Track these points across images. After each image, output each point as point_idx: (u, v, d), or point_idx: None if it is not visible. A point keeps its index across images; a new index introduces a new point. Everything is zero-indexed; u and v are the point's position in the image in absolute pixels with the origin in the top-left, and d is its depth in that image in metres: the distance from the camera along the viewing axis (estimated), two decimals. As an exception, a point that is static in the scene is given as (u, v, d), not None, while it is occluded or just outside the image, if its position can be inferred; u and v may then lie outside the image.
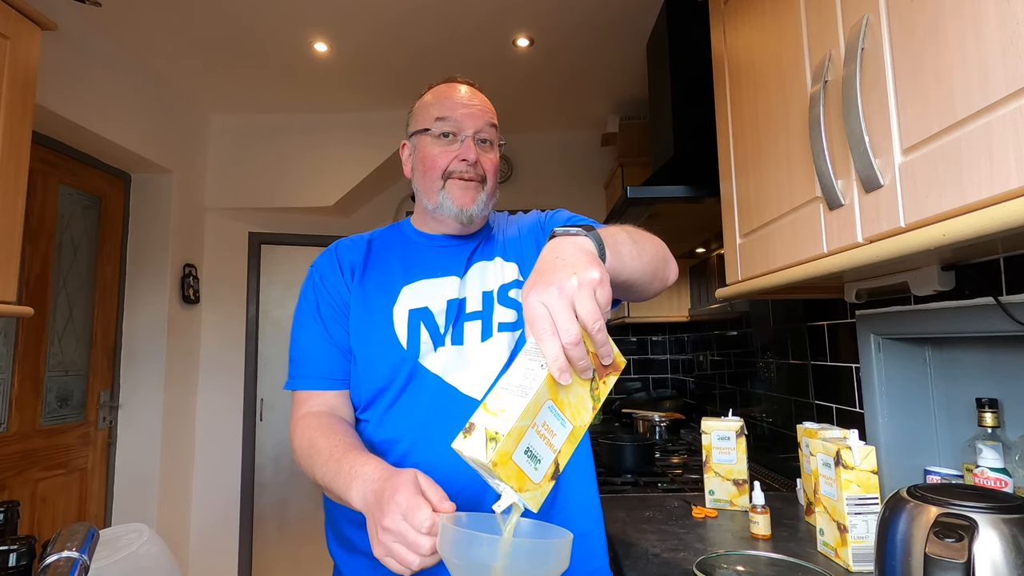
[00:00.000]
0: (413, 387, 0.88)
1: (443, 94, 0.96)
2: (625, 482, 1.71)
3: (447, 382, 0.88)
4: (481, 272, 0.96)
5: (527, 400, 0.54)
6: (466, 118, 0.93)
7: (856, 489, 0.95)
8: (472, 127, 0.93)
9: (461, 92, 0.96)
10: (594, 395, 0.60)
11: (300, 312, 0.97)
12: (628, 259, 0.73)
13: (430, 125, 0.94)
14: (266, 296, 3.29)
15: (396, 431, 0.88)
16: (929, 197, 0.63)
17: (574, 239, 0.64)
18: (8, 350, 2.13)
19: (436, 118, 0.94)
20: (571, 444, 0.58)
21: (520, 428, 0.54)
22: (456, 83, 0.98)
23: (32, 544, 0.64)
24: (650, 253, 0.80)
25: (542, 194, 3.35)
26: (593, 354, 0.58)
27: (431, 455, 0.86)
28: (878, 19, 0.71)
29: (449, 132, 0.93)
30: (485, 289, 0.94)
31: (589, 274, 0.56)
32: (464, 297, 0.93)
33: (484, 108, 0.96)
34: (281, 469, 3.21)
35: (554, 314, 0.54)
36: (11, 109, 1.50)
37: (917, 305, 1.13)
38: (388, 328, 0.91)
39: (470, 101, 0.95)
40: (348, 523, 0.91)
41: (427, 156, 0.94)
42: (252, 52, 2.48)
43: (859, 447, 0.97)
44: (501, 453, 0.52)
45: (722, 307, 2.13)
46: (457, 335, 0.90)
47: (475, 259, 0.97)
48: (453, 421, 0.83)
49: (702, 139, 1.55)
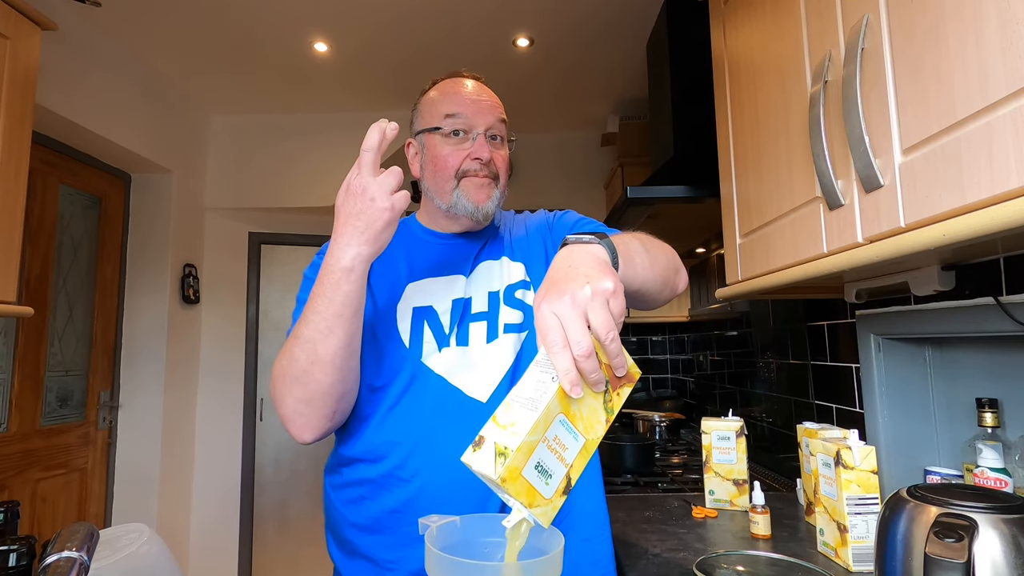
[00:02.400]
0: (416, 388, 0.86)
1: (451, 90, 0.92)
2: (625, 482, 1.71)
3: (451, 383, 0.86)
4: (487, 272, 0.94)
5: (537, 414, 0.52)
6: (477, 114, 0.90)
7: (856, 489, 0.95)
8: (483, 123, 0.90)
9: (469, 87, 0.92)
10: (607, 407, 0.58)
11: (301, 299, 0.92)
12: (640, 268, 0.71)
13: (440, 123, 0.90)
14: (266, 296, 3.29)
15: (398, 433, 0.85)
16: (929, 197, 0.63)
17: (587, 247, 0.63)
18: (8, 350, 2.13)
19: (446, 115, 0.90)
20: (583, 458, 0.56)
21: (530, 442, 0.52)
22: (463, 77, 0.94)
23: (32, 544, 0.64)
24: (662, 262, 0.79)
25: (542, 194, 3.35)
26: (606, 365, 0.56)
27: (434, 458, 0.83)
28: (878, 19, 0.71)
29: (460, 130, 0.89)
30: (491, 289, 0.92)
31: (603, 284, 0.55)
32: (470, 297, 0.91)
33: (494, 103, 0.93)
34: (281, 469, 3.21)
35: (566, 325, 0.53)
36: (11, 109, 1.50)
37: (917, 305, 1.13)
38: (391, 324, 0.89)
39: (479, 96, 0.91)
40: (350, 527, 0.90)
41: (438, 156, 0.90)
42: (252, 52, 2.48)
43: (859, 447, 0.97)
44: (510, 469, 0.51)
45: (722, 307, 2.13)
46: (462, 336, 0.88)
47: (482, 258, 0.95)
48: (456, 424, 0.84)
49: (702, 139, 1.55)
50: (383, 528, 0.83)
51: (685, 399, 3.02)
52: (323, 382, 0.76)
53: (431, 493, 0.81)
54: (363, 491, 0.85)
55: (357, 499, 0.86)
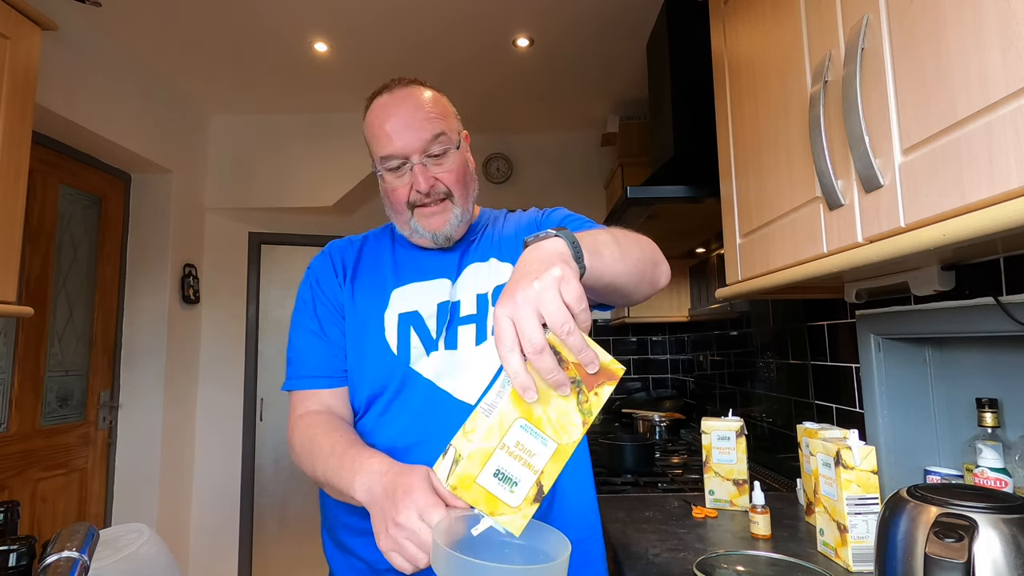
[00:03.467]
0: (405, 393, 0.87)
1: (376, 125, 0.89)
2: (625, 482, 1.71)
3: (439, 387, 0.86)
4: (475, 274, 0.93)
5: (490, 420, 0.51)
6: (405, 145, 0.86)
7: (856, 489, 0.95)
8: (415, 149, 0.87)
9: (392, 115, 0.88)
10: (582, 409, 0.53)
11: (297, 313, 0.96)
12: (610, 259, 0.69)
13: (378, 166, 0.90)
14: (266, 296, 3.29)
15: (389, 438, 0.87)
16: (929, 197, 0.63)
17: (542, 243, 0.61)
18: (8, 350, 2.13)
19: (380, 157, 0.89)
20: (557, 463, 0.53)
21: (484, 449, 0.51)
22: (386, 95, 0.91)
23: (32, 544, 0.64)
24: (636, 255, 0.76)
25: (542, 194, 3.35)
26: (575, 364, 0.52)
27: (422, 462, 0.81)
28: (878, 19, 0.71)
29: (397, 164, 0.88)
30: (479, 291, 0.91)
31: (550, 274, 0.52)
32: (458, 300, 0.91)
33: (424, 119, 0.88)
34: (281, 469, 3.21)
35: (518, 323, 0.50)
36: (11, 109, 1.50)
37: (917, 305, 1.13)
38: (379, 334, 0.90)
39: (405, 122, 0.87)
40: (344, 529, 0.91)
41: (387, 190, 0.91)
42: (252, 52, 2.48)
43: (859, 447, 0.97)
44: (461, 476, 0.50)
45: (722, 307, 2.13)
46: (451, 339, 0.88)
47: (469, 260, 0.95)
48: (446, 427, 0.81)
49: (702, 139, 1.55)
50: None
51: (685, 399, 3.02)
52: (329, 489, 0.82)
53: None
54: None
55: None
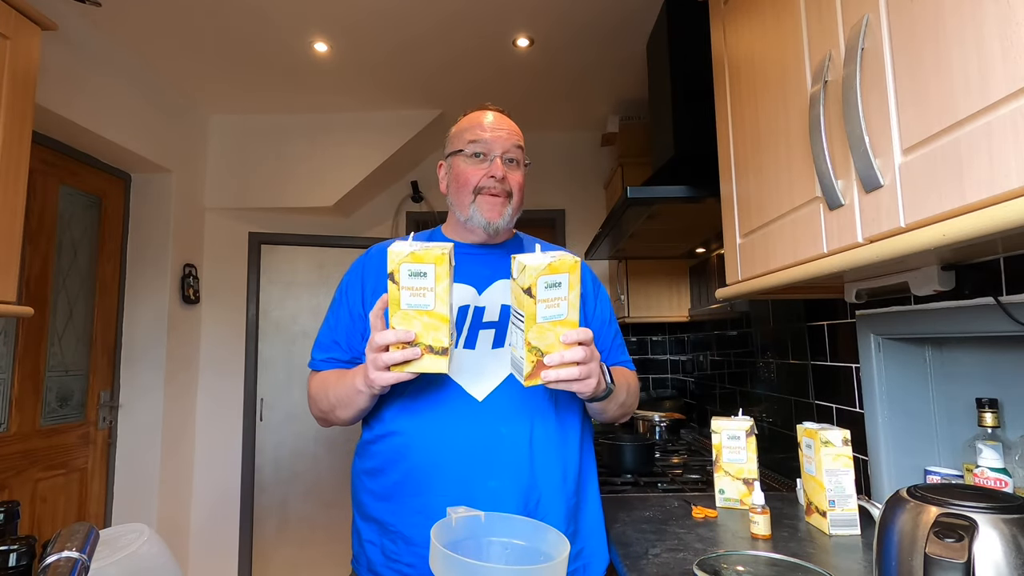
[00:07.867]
0: (422, 382, 0.98)
1: (474, 120, 1.10)
2: (625, 482, 1.71)
3: (454, 380, 0.99)
4: (504, 287, 1.08)
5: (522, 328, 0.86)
6: (495, 140, 1.07)
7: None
8: (500, 148, 1.07)
9: (490, 119, 1.10)
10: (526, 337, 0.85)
11: (331, 305, 1.15)
12: (614, 402, 1.04)
13: (463, 147, 1.08)
14: (266, 296, 3.28)
15: (397, 424, 1.01)
16: (929, 197, 0.63)
17: None
18: (8, 350, 2.13)
19: (469, 140, 1.07)
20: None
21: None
22: (487, 110, 1.13)
23: (32, 544, 0.64)
24: (629, 403, 1.11)
25: (542, 194, 3.35)
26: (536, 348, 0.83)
27: (430, 449, 0.97)
28: (878, 19, 0.71)
29: (480, 152, 1.06)
30: (504, 303, 1.06)
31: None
32: (484, 306, 1.05)
33: (511, 132, 1.10)
34: (281, 469, 3.21)
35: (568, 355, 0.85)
36: (11, 109, 1.50)
37: (917, 305, 1.13)
38: None
39: (499, 126, 1.09)
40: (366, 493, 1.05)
41: (460, 173, 1.08)
42: (252, 52, 2.48)
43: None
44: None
45: (722, 307, 2.13)
46: (471, 340, 1.02)
47: (500, 275, 1.09)
48: (453, 415, 0.98)
49: (702, 139, 1.55)
50: (389, 496, 1.01)
51: (685, 399, 3.02)
52: (338, 418, 1.06)
53: (423, 471, 0.98)
54: (376, 463, 1.04)
55: (371, 471, 1.05)
